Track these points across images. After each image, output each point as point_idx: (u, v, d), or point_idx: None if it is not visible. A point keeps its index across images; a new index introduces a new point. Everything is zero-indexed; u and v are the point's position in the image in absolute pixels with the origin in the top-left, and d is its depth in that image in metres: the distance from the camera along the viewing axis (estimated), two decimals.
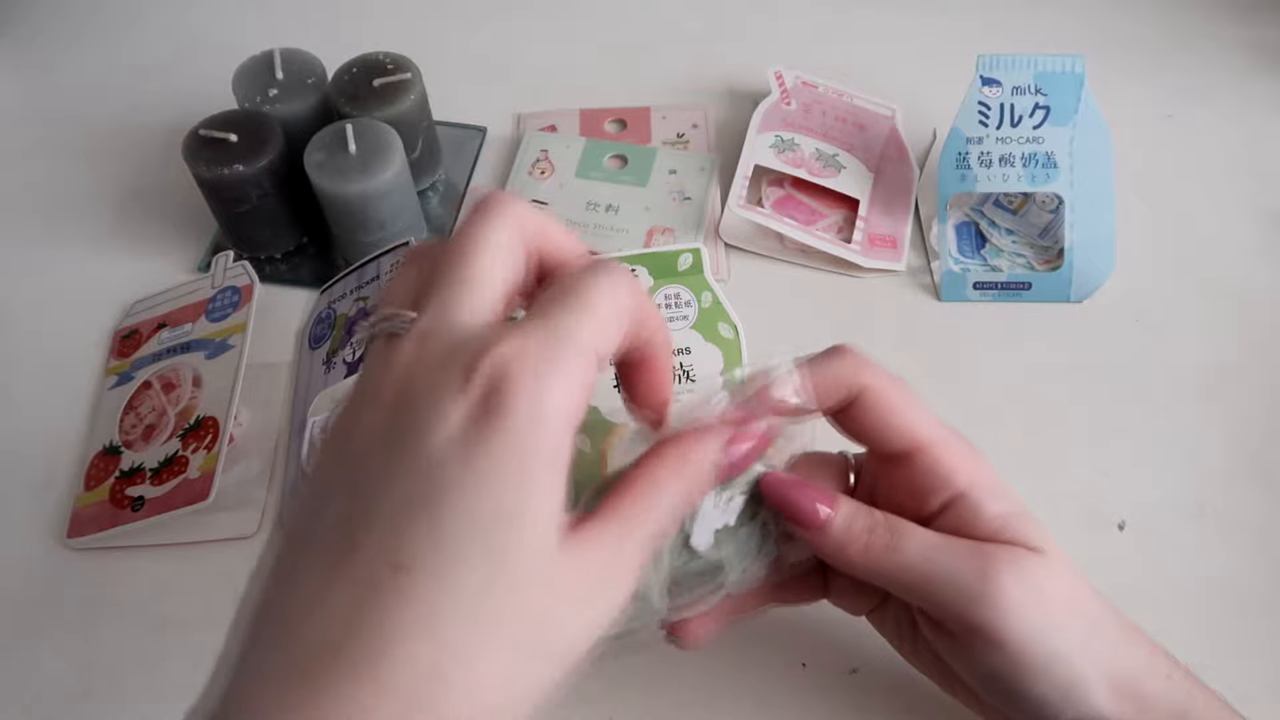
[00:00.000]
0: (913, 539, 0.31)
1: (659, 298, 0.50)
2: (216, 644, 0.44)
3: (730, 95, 0.65)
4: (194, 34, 0.70)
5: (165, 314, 0.53)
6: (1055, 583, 0.31)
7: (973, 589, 0.30)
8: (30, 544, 0.46)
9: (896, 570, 0.31)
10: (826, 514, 0.31)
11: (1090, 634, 0.31)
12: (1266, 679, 0.41)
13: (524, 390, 0.22)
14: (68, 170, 0.62)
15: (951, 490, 0.32)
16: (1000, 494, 0.32)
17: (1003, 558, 0.30)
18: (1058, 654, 0.30)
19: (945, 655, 0.33)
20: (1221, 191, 0.59)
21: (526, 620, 0.23)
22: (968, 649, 0.31)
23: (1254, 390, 0.50)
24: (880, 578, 0.31)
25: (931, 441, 0.32)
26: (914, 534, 0.31)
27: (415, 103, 0.54)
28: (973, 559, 0.30)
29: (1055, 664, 0.30)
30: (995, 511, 0.31)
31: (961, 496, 0.32)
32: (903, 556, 0.30)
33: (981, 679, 0.32)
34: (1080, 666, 0.30)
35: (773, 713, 0.40)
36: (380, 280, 0.50)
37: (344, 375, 0.48)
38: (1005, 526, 0.31)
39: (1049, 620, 0.30)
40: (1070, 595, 0.31)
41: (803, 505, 0.31)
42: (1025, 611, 0.30)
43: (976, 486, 0.32)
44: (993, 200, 0.57)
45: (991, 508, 0.31)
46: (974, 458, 0.33)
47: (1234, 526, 0.45)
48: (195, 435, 0.47)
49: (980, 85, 0.53)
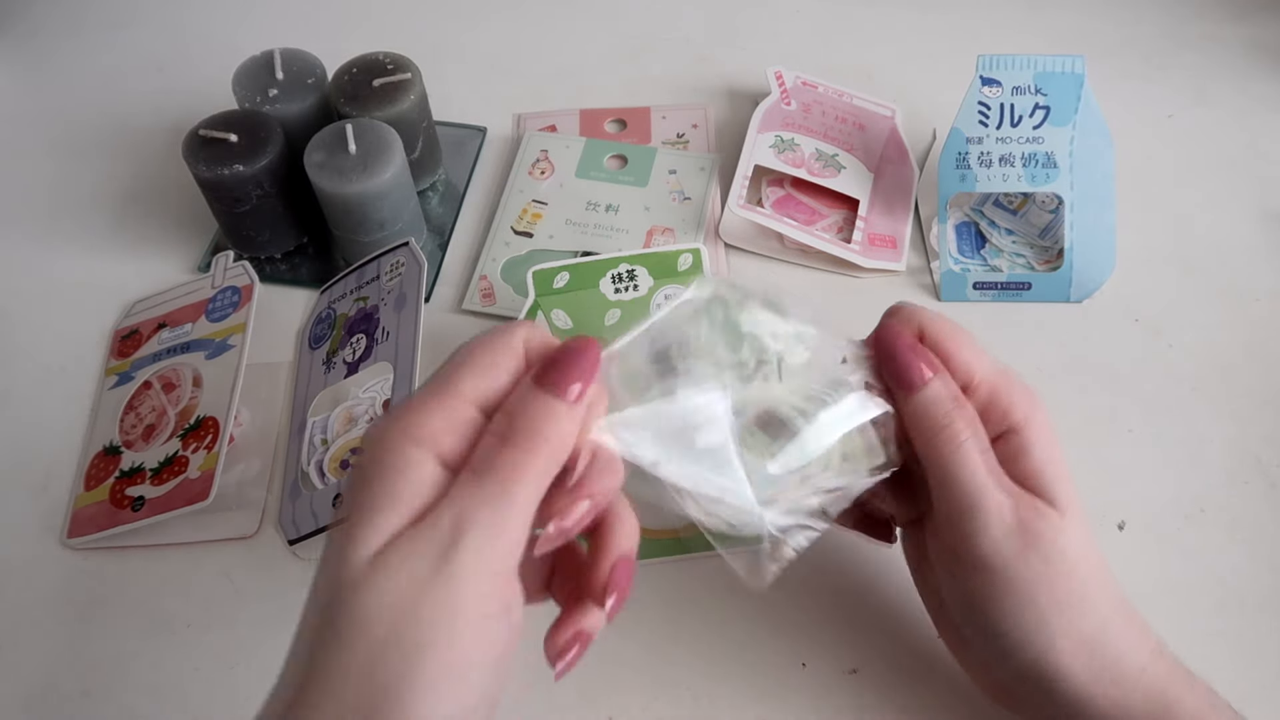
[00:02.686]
0: (977, 450, 0.33)
1: (659, 298, 0.50)
2: (216, 644, 0.44)
3: (730, 95, 0.65)
4: (194, 34, 0.70)
5: (165, 314, 0.53)
6: (1062, 536, 0.32)
7: (982, 514, 0.32)
8: (30, 544, 0.46)
9: (946, 464, 0.32)
10: (927, 376, 0.33)
11: (1082, 592, 0.32)
12: (1266, 679, 0.41)
13: (367, 451, 0.29)
14: (67, 170, 0.62)
15: (1008, 423, 0.33)
16: (1049, 441, 0.34)
17: (1026, 502, 0.32)
18: (1035, 598, 0.32)
19: (941, 570, 0.35)
20: (1221, 191, 0.59)
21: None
22: (957, 567, 0.33)
23: (1254, 390, 0.50)
24: (931, 462, 0.33)
25: (991, 374, 0.34)
26: (981, 448, 0.33)
27: (415, 103, 0.54)
28: (998, 494, 0.32)
29: (1029, 607, 0.32)
30: (1041, 456, 0.33)
31: (1015, 432, 0.33)
32: (960, 457, 0.32)
33: (960, 599, 0.34)
34: (1049, 617, 0.32)
35: (773, 713, 0.40)
36: (380, 280, 0.50)
37: (344, 375, 0.48)
38: (1043, 473, 0.33)
39: (1043, 567, 0.32)
40: (1076, 555, 0.32)
41: (912, 362, 0.33)
42: (1019, 553, 0.32)
43: (1031, 424, 0.33)
44: (993, 200, 0.57)
45: (1039, 451, 0.33)
46: (1033, 398, 0.34)
47: (1234, 526, 0.45)
48: (195, 435, 0.47)
49: (980, 85, 0.53)
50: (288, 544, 0.44)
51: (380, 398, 0.48)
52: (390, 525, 0.27)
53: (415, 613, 0.25)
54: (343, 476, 0.45)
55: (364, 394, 0.48)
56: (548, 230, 0.57)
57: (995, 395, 0.34)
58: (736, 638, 0.42)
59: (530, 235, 0.56)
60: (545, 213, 0.57)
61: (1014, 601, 0.32)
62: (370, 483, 0.28)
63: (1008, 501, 0.32)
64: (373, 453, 0.28)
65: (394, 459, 0.28)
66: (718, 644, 0.42)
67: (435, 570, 0.26)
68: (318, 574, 0.28)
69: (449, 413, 0.28)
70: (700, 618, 0.43)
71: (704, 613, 0.43)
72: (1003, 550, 0.32)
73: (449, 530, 0.26)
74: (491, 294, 0.54)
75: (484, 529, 0.26)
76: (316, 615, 0.27)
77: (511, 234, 0.57)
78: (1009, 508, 0.32)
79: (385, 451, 0.28)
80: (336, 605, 0.26)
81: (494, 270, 0.55)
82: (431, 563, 0.26)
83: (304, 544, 0.44)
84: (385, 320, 0.47)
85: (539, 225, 0.57)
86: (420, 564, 0.26)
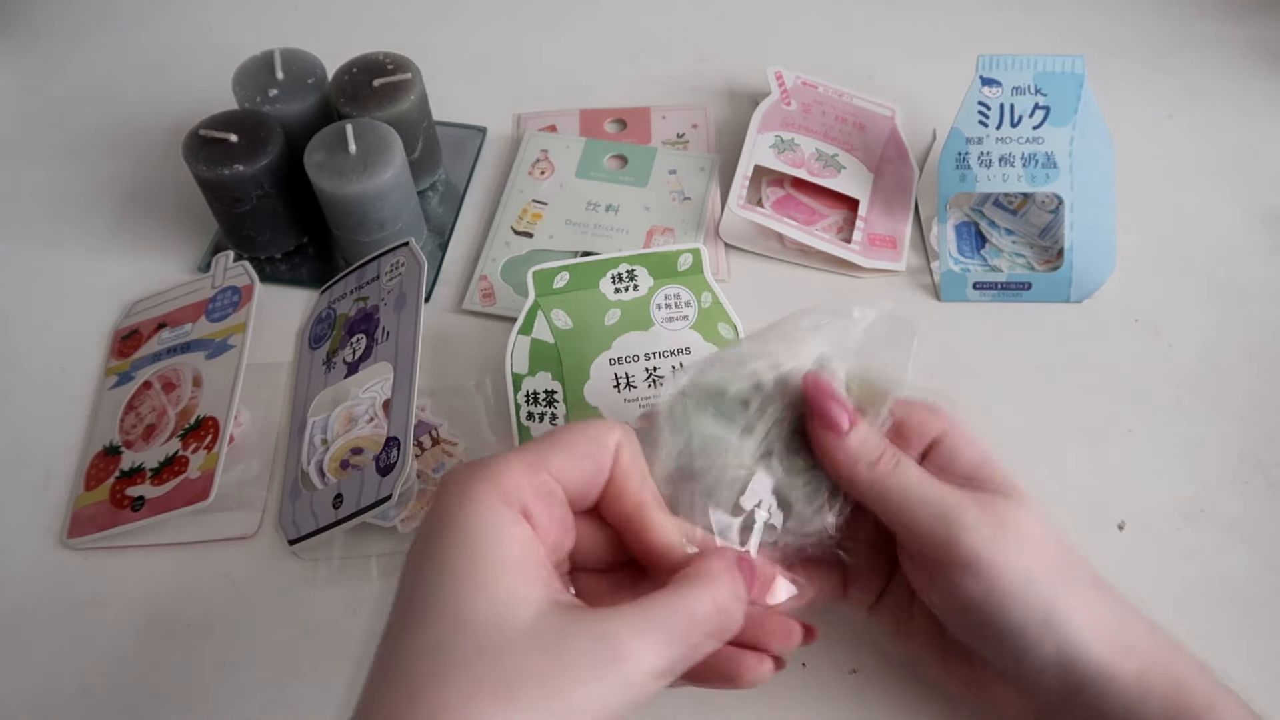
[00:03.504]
0: (911, 468, 0.34)
1: (659, 298, 0.50)
2: (216, 644, 0.44)
3: (730, 95, 0.65)
4: (194, 34, 0.70)
5: (165, 314, 0.53)
6: (1026, 521, 0.33)
7: (951, 516, 0.33)
8: (30, 544, 0.46)
9: (891, 491, 0.33)
10: (849, 424, 0.34)
11: (1064, 567, 0.33)
12: (1266, 679, 0.41)
13: (449, 490, 0.28)
14: (68, 170, 0.62)
15: (927, 438, 0.36)
16: (974, 440, 0.36)
17: (980, 496, 0.34)
18: (1032, 578, 0.32)
19: (927, 596, 0.35)
20: (1221, 191, 0.59)
21: (498, 681, 0.25)
22: (946, 581, 0.33)
23: (1254, 390, 0.50)
24: (876, 497, 0.34)
25: (906, 399, 0.36)
26: (912, 466, 0.34)
27: (415, 103, 0.54)
28: (955, 494, 0.33)
29: (1031, 589, 0.32)
30: (971, 455, 0.35)
31: (937, 443, 0.35)
32: (900, 479, 0.33)
33: (960, 613, 0.33)
34: (1057, 592, 0.32)
35: (773, 713, 0.40)
36: (380, 280, 0.50)
37: (344, 375, 0.48)
38: (981, 467, 0.35)
39: (1020, 549, 0.32)
40: (1043, 535, 0.33)
41: (833, 410, 0.34)
42: (998, 541, 0.32)
43: (950, 432, 0.36)
44: (993, 200, 0.57)
45: (968, 452, 0.35)
46: (939, 411, 0.36)
47: (1234, 526, 0.45)
48: (195, 435, 0.47)
49: (980, 85, 0.53)
50: (288, 544, 0.44)
51: (380, 397, 0.48)
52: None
53: None
54: (343, 476, 0.45)
55: (364, 394, 0.48)
56: (548, 230, 0.57)
57: (902, 424, 0.36)
58: None
59: (530, 235, 0.56)
60: (545, 213, 0.57)
61: (1013, 586, 0.32)
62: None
63: (966, 497, 0.33)
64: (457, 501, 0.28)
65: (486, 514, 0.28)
66: None
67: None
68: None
69: (536, 477, 0.29)
70: None
71: None
72: (982, 541, 0.32)
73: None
74: (491, 294, 0.54)
75: None
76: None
77: (511, 234, 0.57)
78: (969, 501, 0.33)
79: (470, 501, 0.28)
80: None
81: (494, 270, 0.55)
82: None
83: (304, 544, 0.44)
84: (385, 320, 0.48)
85: (539, 225, 0.57)
86: None
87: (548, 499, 0.29)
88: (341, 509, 0.43)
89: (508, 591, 0.26)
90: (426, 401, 0.49)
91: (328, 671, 0.42)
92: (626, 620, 0.27)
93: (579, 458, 0.30)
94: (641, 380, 0.48)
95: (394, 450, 0.42)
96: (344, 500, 0.43)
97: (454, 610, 0.26)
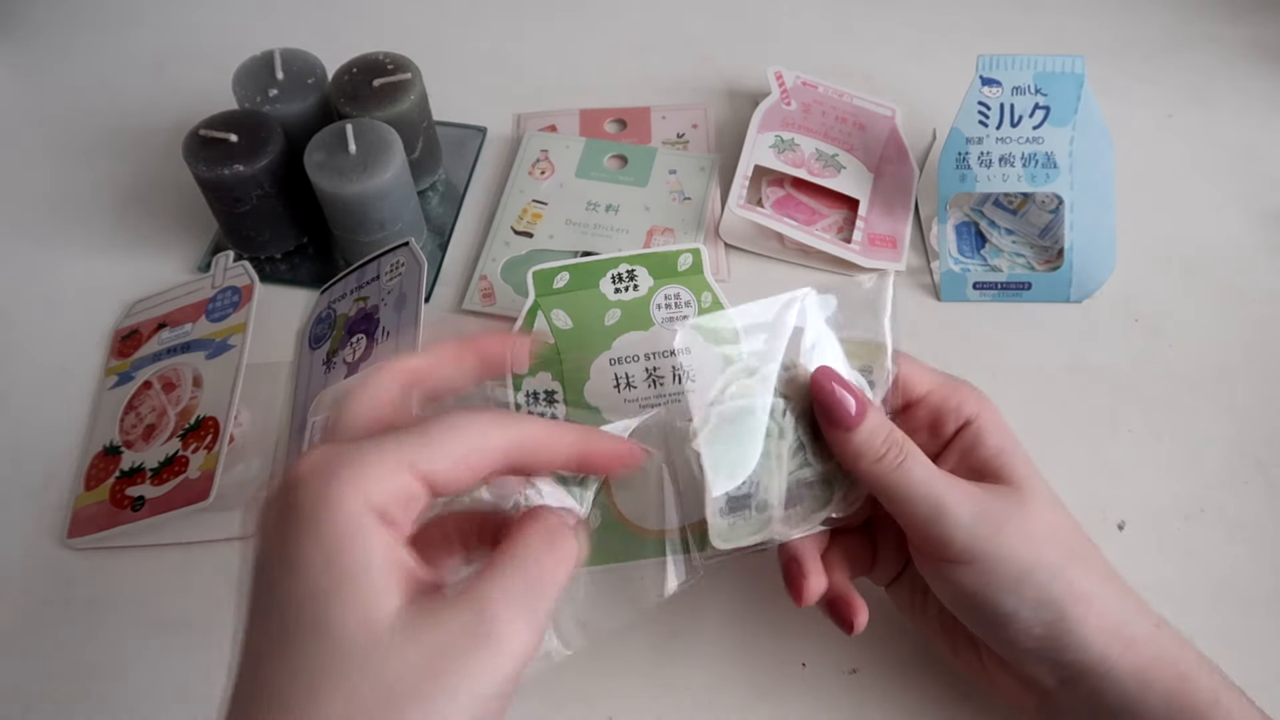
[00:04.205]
0: (918, 462, 0.34)
1: (659, 298, 0.50)
2: (216, 644, 0.44)
3: (730, 95, 0.65)
4: (194, 34, 0.70)
5: (165, 314, 0.53)
6: (1034, 512, 0.34)
7: (946, 515, 0.33)
8: (30, 544, 0.46)
9: (892, 487, 0.34)
10: (858, 416, 0.34)
11: (1068, 559, 0.33)
12: (1266, 679, 0.41)
13: (307, 486, 0.25)
14: (68, 170, 0.62)
15: (963, 417, 0.36)
16: (1001, 428, 0.36)
17: (985, 490, 0.34)
18: (1027, 570, 0.33)
19: (932, 583, 0.35)
20: (1221, 191, 0.59)
21: (378, 691, 0.23)
22: (947, 572, 0.34)
23: (1254, 390, 0.50)
24: (879, 491, 0.34)
25: (938, 383, 0.37)
26: (920, 459, 0.34)
27: (415, 103, 0.54)
28: (954, 491, 0.33)
29: (1025, 580, 0.33)
30: (995, 443, 0.35)
31: (969, 424, 0.36)
32: (906, 474, 0.33)
33: (959, 600, 0.34)
34: (1054, 586, 0.33)
35: (773, 713, 0.40)
36: (380, 280, 0.50)
37: (344, 375, 0.48)
38: (998, 456, 0.35)
39: (1019, 540, 0.33)
40: (1049, 525, 0.34)
41: (842, 402, 0.34)
42: (994, 539, 0.33)
43: (982, 417, 0.36)
44: (993, 200, 0.57)
45: (992, 438, 0.35)
46: (981, 396, 0.37)
47: (1234, 526, 0.45)
48: (195, 435, 0.47)
49: (980, 85, 0.53)
50: None
51: None
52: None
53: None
54: None
55: None
56: (548, 230, 0.57)
57: (945, 399, 0.36)
58: (736, 638, 0.42)
59: (530, 235, 0.56)
60: (545, 213, 0.57)
61: (1008, 579, 0.33)
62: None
63: (965, 496, 0.33)
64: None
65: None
66: (718, 644, 0.42)
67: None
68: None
69: (400, 480, 0.26)
70: (700, 618, 0.43)
71: (704, 613, 0.43)
72: (977, 538, 0.33)
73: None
74: (491, 294, 0.54)
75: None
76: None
77: (511, 234, 0.56)
78: (968, 500, 0.33)
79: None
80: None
81: (494, 270, 0.55)
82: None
83: None
84: (385, 320, 0.47)
85: (539, 225, 0.57)
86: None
87: (409, 504, 0.26)
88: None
89: (374, 598, 0.24)
90: None
91: None
92: (494, 584, 0.26)
93: (452, 461, 0.26)
94: (642, 380, 0.48)
95: None
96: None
97: (322, 627, 0.24)
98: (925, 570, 0.35)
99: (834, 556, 0.38)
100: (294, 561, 0.25)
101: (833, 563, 0.37)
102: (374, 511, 0.25)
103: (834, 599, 0.37)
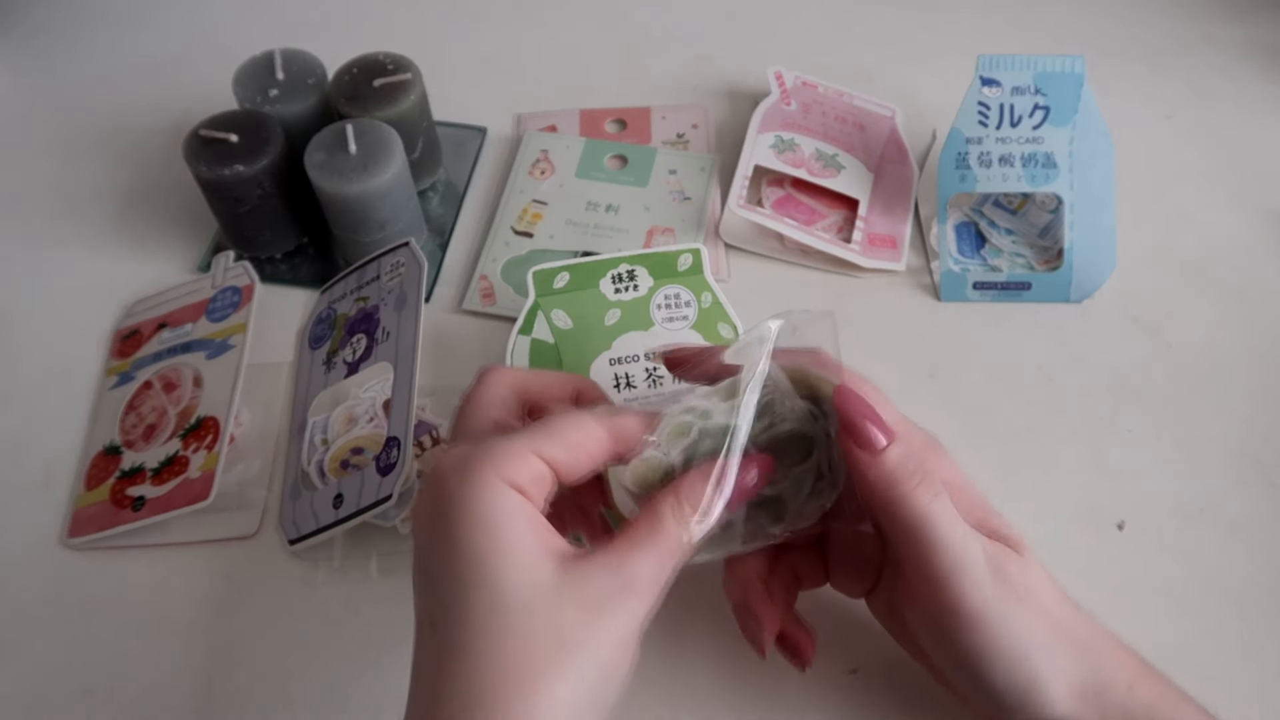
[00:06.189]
0: (944, 503, 0.32)
1: (659, 298, 0.50)
2: (216, 644, 0.44)
3: (730, 95, 0.65)
4: (194, 34, 0.70)
5: (166, 314, 0.53)
6: (1030, 582, 0.32)
7: (966, 568, 0.31)
8: (30, 544, 0.46)
9: (925, 520, 0.31)
10: (885, 443, 0.32)
11: (1055, 636, 0.32)
12: (1266, 679, 0.41)
13: (454, 476, 0.30)
14: (68, 170, 0.62)
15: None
16: (972, 495, 0.34)
17: (992, 550, 0.32)
18: (1025, 647, 0.31)
19: (920, 632, 0.34)
20: (1221, 191, 0.59)
21: (548, 635, 0.28)
22: (944, 627, 0.32)
23: (1254, 390, 0.50)
24: (908, 522, 0.32)
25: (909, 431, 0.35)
26: (946, 500, 0.32)
27: (415, 103, 0.54)
28: (973, 544, 0.32)
29: (1017, 664, 0.31)
30: (974, 501, 0.34)
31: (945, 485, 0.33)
32: (943, 511, 0.31)
33: (951, 659, 0.33)
34: (1041, 668, 0.32)
35: (773, 713, 0.40)
36: (380, 280, 0.50)
37: (344, 375, 0.48)
38: (989, 516, 0.34)
39: (1020, 616, 0.32)
40: (1041, 596, 0.33)
41: (869, 427, 0.32)
42: (1003, 602, 0.31)
43: (950, 486, 0.33)
44: (992, 200, 0.57)
45: (970, 499, 0.34)
46: (947, 457, 0.35)
47: (1234, 526, 0.45)
48: (196, 435, 0.47)
49: (980, 85, 0.53)
50: (288, 544, 0.44)
51: (380, 398, 0.48)
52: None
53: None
54: (344, 476, 0.45)
55: (364, 394, 0.48)
56: (548, 230, 0.57)
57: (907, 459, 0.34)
58: (737, 638, 0.42)
59: (530, 235, 0.56)
60: (545, 213, 0.57)
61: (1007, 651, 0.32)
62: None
63: (983, 551, 0.32)
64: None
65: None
66: (718, 644, 0.42)
67: None
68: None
69: (529, 462, 0.31)
70: (700, 618, 0.43)
71: (704, 613, 0.43)
72: (990, 601, 0.31)
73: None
74: (491, 294, 0.54)
75: None
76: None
77: (511, 234, 0.57)
78: (984, 555, 0.32)
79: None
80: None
81: (494, 270, 0.55)
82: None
83: (304, 544, 0.44)
84: (385, 320, 0.48)
85: (539, 225, 0.57)
86: None
87: (540, 483, 0.31)
88: (342, 509, 0.43)
89: (532, 560, 0.29)
90: (427, 401, 0.49)
91: (328, 671, 0.42)
92: (633, 547, 0.30)
93: (568, 448, 0.31)
94: (641, 380, 0.48)
95: (394, 450, 0.42)
96: (344, 500, 0.43)
97: (492, 585, 0.28)
98: (916, 619, 0.34)
99: (780, 582, 0.37)
100: (457, 539, 0.29)
101: (777, 590, 0.36)
102: (516, 490, 0.30)
103: (782, 634, 0.36)
